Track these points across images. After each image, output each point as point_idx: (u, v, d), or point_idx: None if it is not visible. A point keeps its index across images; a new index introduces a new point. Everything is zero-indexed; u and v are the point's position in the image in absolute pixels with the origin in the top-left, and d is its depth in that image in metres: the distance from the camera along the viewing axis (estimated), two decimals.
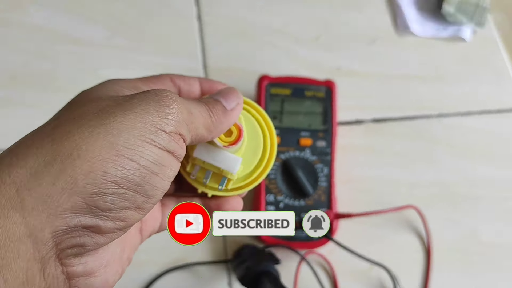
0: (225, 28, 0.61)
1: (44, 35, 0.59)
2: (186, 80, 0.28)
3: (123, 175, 0.18)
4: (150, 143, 0.19)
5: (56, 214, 0.17)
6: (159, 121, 0.19)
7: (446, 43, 0.62)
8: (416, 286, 0.52)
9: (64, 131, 0.18)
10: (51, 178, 0.17)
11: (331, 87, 0.54)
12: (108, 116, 0.18)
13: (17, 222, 0.16)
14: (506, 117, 0.59)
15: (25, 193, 0.16)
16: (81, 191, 0.17)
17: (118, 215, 0.18)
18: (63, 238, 0.17)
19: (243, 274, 0.45)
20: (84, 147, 0.17)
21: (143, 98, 0.20)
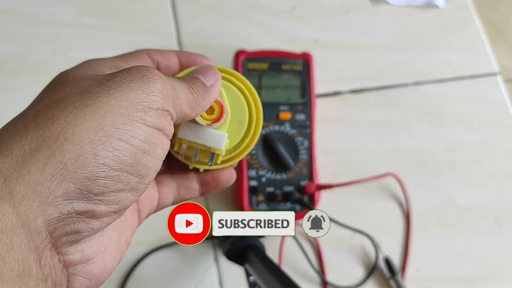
0: (198, 3, 0.59)
1: (9, 18, 0.57)
2: (164, 54, 0.27)
3: (114, 157, 0.17)
4: (139, 121, 0.18)
5: (47, 202, 0.16)
6: (145, 98, 0.19)
7: (420, 11, 0.62)
8: (397, 251, 0.53)
9: (47, 115, 0.17)
10: (39, 164, 0.16)
11: (308, 60, 0.54)
12: (92, 96, 0.18)
13: (7, 213, 0.15)
14: (479, 82, 0.60)
15: (13, 182, 0.16)
16: (72, 176, 0.16)
17: (112, 198, 0.18)
18: (57, 226, 0.17)
19: (229, 249, 0.46)
20: (71, 130, 0.17)
21: (125, 76, 0.19)
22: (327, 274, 0.51)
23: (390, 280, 0.51)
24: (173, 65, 0.27)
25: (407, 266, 0.52)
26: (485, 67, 0.60)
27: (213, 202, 0.53)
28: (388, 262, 0.51)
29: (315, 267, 0.51)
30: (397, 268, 0.51)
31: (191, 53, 0.28)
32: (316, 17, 0.61)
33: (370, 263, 0.52)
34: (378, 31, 0.61)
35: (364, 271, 0.52)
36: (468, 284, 0.53)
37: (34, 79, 0.55)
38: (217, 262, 0.51)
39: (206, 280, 0.51)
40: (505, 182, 0.56)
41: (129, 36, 0.57)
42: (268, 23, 0.60)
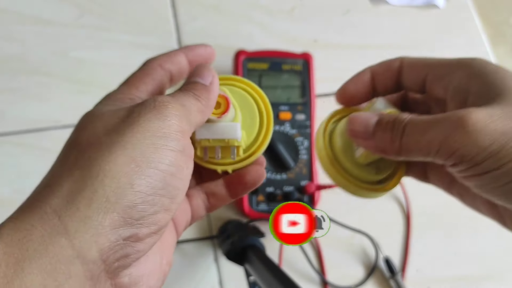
0: (198, 3, 0.59)
1: (10, 17, 0.57)
2: (174, 60, 0.28)
3: (147, 183, 0.20)
4: (162, 147, 0.21)
5: (98, 233, 0.18)
6: (163, 125, 0.21)
7: (420, 11, 0.62)
8: (397, 251, 0.53)
9: (85, 157, 0.20)
10: (86, 201, 0.18)
11: (308, 60, 0.54)
12: (118, 134, 0.20)
13: (64, 246, 0.18)
14: None
15: (67, 219, 0.18)
16: (114, 207, 0.19)
17: (151, 220, 0.20)
18: (109, 253, 0.19)
19: (229, 249, 0.46)
20: (107, 167, 0.19)
21: (142, 110, 0.21)
22: (327, 274, 0.51)
23: (390, 280, 0.51)
24: (183, 66, 0.28)
25: (407, 266, 0.52)
26: None
27: None
28: (388, 262, 0.51)
29: (315, 267, 0.51)
30: (397, 268, 0.51)
31: (195, 47, 0.29)
32: (316, 17, 0.61)
33: (370, 263, 0.52)
34: (378, 31, 0.61)
35: (364, 271, 0.52)
36: (468, 284, 0.53)
37: (34, 79, 0.55)
38: (217, 262, 0.51)
39: (206, 280, 0.51)
40: None
41: (129, 36, 0.57)
42: (268, 23, 0.60)
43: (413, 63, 0.27)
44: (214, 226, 0.52)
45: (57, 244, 0.18)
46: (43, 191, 0.19)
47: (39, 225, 0.18)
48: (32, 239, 0.17)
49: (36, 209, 0.19)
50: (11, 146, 0.53)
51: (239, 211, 0.52)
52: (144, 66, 0.28)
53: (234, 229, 0.48)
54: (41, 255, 0.17)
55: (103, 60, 0.56)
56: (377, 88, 0.29)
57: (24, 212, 0.19)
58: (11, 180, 0.51)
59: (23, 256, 0.17)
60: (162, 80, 0.27)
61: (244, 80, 0.30)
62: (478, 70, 0.23)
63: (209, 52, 0.30)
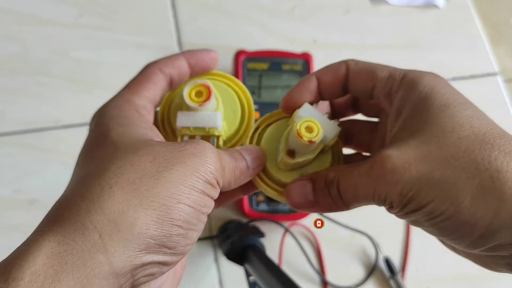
0: (198, 3, 0.59)
1: (10, 17, 0.57)
2: (174, 64, 0.28)
3: (184, 219, 0.21)
4: (199, 191, 0.22)
5: (134, 255, 0.20)
6: (205, 174, 0.23)
7: (420, 11, 0.62)
8: (397, 251, 0.53)
9: (129, 180, 0.21)
10: (128, 225, 0.20)
11: (308, 60, 0.54)
12: (165, 167, 0.22)
13: (102, 263, 0.19)
14: (479, 82, 0.60)
15: (107, 238, 0.19)
16: (153, 234, 0.20)
17: (181, 250, 0.22)
18: (138, 271, 0.21)
19: (229, 249, 0.46)
20: (151, 198, 0.21)
21: (193, 152, 0.23)
22: (327, 274, 0.51)
23: (390, 280, 0.51)
24: (184, 71, 0.29)
25: (407, 266, 0.52)
26: (485, 67, 0.60)
27: None
28: (388, 262, 0.51)
29: (315, 267, 0.51)
30: (397, 268, 0.51)
31: (197, 52, 0.29)
32: (316, 17, 0.61)
33: (370, 263, 0.52)
34: (378, 31, 0.61)
35: (364, 271, 0.52)
36: (468, 284, 0.53)
37: (34, 79, 0.55)
38: (217, 262, 0.51)
39: (206, 280, 0.51)
40: None
41: (129, 36, 0.57)
42: (268, 23, 0.60)
43: (358, 72, 0.28)
44: (214, 226, 0.52)
45: (95, 260, 0.19)
46: (81, 203, 0.20)
47: (80, 240, 0.19)
48: (72, 253, 0.19)
49: (78, 224, 0.20)
50: (11, 146, 0.53)
51: (239, 211, 0.52)
52: (145, 70, 0.28)
53: (234, 229, 0.49)
54: (78, 268, 0.19)
55: (103, 60, 0.56)
56: (323, 95, 0.29)
57: (65, 225, 0.20)
58: (11, 180, 0.51)
59: (62, 269, 0.18)
60: (162, 85, 0.28)
61: (228, 76, 0.31)
62: (420, 93, 0.24)
63: (212, 57, 0.30)
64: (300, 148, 0.27)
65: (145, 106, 0.27)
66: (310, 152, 0.27)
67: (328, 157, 0.28)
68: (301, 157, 0.27)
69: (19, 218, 0.50)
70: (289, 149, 0.27)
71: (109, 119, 0.25)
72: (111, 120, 0.25)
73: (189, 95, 0.27)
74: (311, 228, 0.52)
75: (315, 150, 0.27)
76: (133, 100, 0.26)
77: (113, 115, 0.25)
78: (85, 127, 0.53)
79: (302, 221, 0.52)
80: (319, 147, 0.27)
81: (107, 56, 0.56)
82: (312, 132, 0.26)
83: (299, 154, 0.27)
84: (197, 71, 0.29)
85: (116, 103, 0.26)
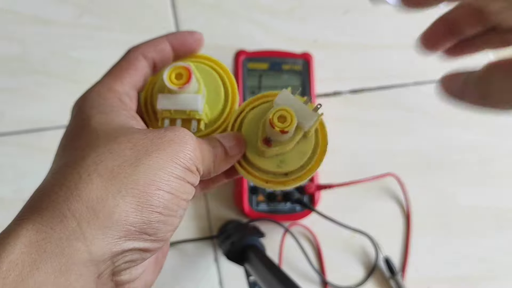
0: (198, 3, 0.59)
1: (10, 17, 0.57)
2: (157, 48, 0.28)
3: (164, 205, 0.22)
4: (178, 178, 0.22)
5: (113, 242, 0.20)
6: (184, 161, 0.23)
7: (420, 11, 0.62)
8: (397, 251, 0.53)
9: (108, 167, 0.21)
10: (106, 212, 0.20)
11: (308, 60, 0.54)
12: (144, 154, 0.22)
13: (80, 250, 0.19)
14: None
15: (85, 226, 0.19)
16: (132, 221, 0.20)
17: (162, 236, 0.22)
18: (118, 258, 0.21)
19: (229, 249, 0.46)
20: (130, 185, 0.21)
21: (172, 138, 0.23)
22: (327, 274, 0.51)
23: (390, 280, 0.51)
24: (167, 55, 0.29)
25: (407, 266, 0.52)
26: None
27: (212, 202, 0.53)
28: (388, 262, 0.51)
29: (315, 267, 0.51)
30: (397, 268, 0.51)
31: (181, 33, 0.29)
32: (316, 17, 0.61)
33: (370, 263, 0.52)
34: (378, 31, 0.61)
35: (364, 271, 0.52)
36: (468, 284, 0.53)
37: (34, 79, 0.55)
38: (217, 262, 0.51)
39: (206, 280, 0.51)
40: (505, 182, 0.56)
41: (129, 36, 0.57)
42: (268, 23, 0.60)
43: None
44: (214, 226, 0.52)
45: (73, 247, 0.19)
46: (59, 192, 0.20)
47: (58, 228, 0.19)
48: (50, 241, 0.19)
49: (56, 212, 0.19)
50: (11, 146, 0.53)
51: (239, 211, 0.52)
52: (127, 56, 0.28)
53: (234, 229, 0.48)
54: (57, 256, 0.19)
55: (103, 60, 0.56)
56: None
57: (43, 213, 0.19)
58: (11, 180, 0.51)
59: (40, 257, 0.18)
60: (145, 70, 0.28)
61: (211, 58, 0.30)
62: None
63: (196, 39, 0.29)
64: (275, 137, 0.26)
65: (128, 93, 0.27)
66: (287, 141, 0.26)
67: (310, 143, 0.27)
68: (278, 145, 0.26)
69: None
70: (265, 137, 0.26)
71: (90, 107, 0.25)
72: (93, 109, 0.25)
73: (169, 78, 0.27)
74: (311, 228, 0.52)
75: (292, 139, 0.26)
76: (115, 88, 0.26)
77: (95, 103, 0.25)
78: None
79: (302, 221, 0.52)
80: (297, 135, 0.26)
81: (107, 56, 0.56)
82: (285, 122, 0.25)
83: (275, 142, 0.26)
84: (180, 54, 0.29)
85: (98, 90, 0.26)
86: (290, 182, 0.27)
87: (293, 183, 0.27)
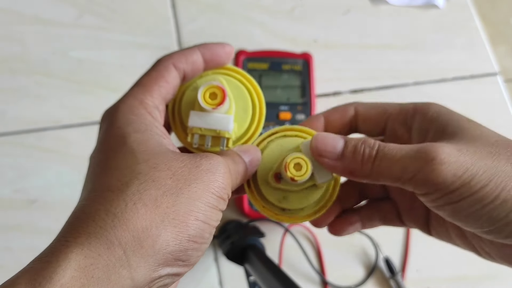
0: (198, 3, 0.59)
1: (10, 17, 0.57)
2: (189, 59, 0.28)
3: (199, 234, 0.23)
4: (213, 207, 0.24)
5: (153, 269, 0.21)
6: (219, 191, 0.24)
7: (420, 11, 0.62)
8: (397, 251, 0.53)
9: (152, 197, 0.22)
10: (150, 242, 0.21)
11: (308, 60, 0.54)
12: (184, 184, 0.23)
13: (125, 277, 0.20)
14: (479, 82, 0.60)
15: (131, 254, 0.21)
16: (172, 250, 0.22)
17: (193, 261, 0.24)
18: (155, 282, 0.22)
19: (229, 249, 0.46)
20: (172, 216, 0.22)
21: (208, 168, 0.24)
22: (327, 274, 0.51)
23: (390, 280, 0.51)
24: (198, 67, 0.29)
25: (407, 266, 0.52)
26: (485, 67, 0.60)
27: None
28: (388, 262, 0.51)
29: (315, 267, 0.51)
30: (397, 268, 0.51)
31: (212, 46, 0.29)
32: (316, 17, 0.61)
33: (370, 263, 0.52)
34: (378, 31, 0.61)
35: (364, 271, 0.52)
36: (468, 284, 0.53)
37: (34, 79, 0.55)
38: (217, 262, 0.51)
39: (206, 280, 0.51)
40: None
41: (129, 36, 0.57)
42: (268, 23, 0.60)
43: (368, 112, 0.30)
44: None
45: (119, 275, 0.20)
46: (107, 219, 0.21)
47: (105, 255, 0.20)
48: (98, 267, 0.20)
49: (103, 239, 0.20)
50: (11, 146, 0.53)
51: (239, 211, 0.52)
52: (158, 66, 0.27)
53: (234, 229, 0.48)
54: (104, 282, 0.20)
55: (103, 60, 0.56)
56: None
57: (90, 239, 0.20)
58: (11, 180, 0.51)
59: (88, 282, 0.19)
60: (175, 81, 0.28)
61: (241, 71, 0.30)
62: (435, 113, 0.27)
63: (227, 52, 0.29)
64: (286, 178, 0.27)
65: (157, 106, 0.27)
66: (296, 185, 0.27)
67: (318, 193, 0.28)
68: (286, 185, 0.27)
69: (19, 218, 0.50)
70: (278, 172, 0.27)
71: (124, 123, 0.25)
72: (127, 126, 0.25)
73: (203, 97, 0.27)
74: (311, 228, 0.52)
75: (301, 185, 0.27)
76: (146, 101, 0.26)
77: (128, 119, 0.25)
78: (85, 127, 0.53)
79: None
80: (307, 183, 0.27)
81: (107, 56, 0.56)
82: (299, 171, 0.26)
83: (285, 181, 0.27)
84: (211, 66, 0.29)
85: (129, 103, 0.26)
86: (283, 218, 0.29)
87: (286, 220, 0.29)
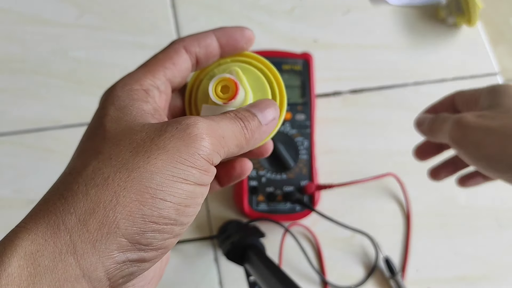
0: (198, 3, 0.59)
1: (10, 17, 0.57)
2: (202, 42, 0.26)
3: (159, 215, 0.20)
4: (182, 182, 0.20)
5: (105, 255, 0.19)
6: (190, 158, 0.20)
7: (420, 10, 0.62)
8: (397, 251, 0.53)
9: (104, 175, 0.20)
10: (97, 224, 0.19)
11: (308, 60, 0.54)
12: (142, 157, 0.20)
13: (72, 265, 0.18)
14: (479, 82, 0.60)
15: (77, 239, 0.19)
16: (123, 233, 0.19)
17: (159, 245, 0.20)
18: (114, 273, 0.19)
19: (229, 249, 0.46)
20: (122, 194, 0.19)
21: (174, 133, 0.21)
22: (327, 274, 0.51)
23: (390, 280, 0.51)
24: (213, 51, 0.26)
25: (407, 266, 0.52)
26: (485, 67, 0.60)
27: (213, 202, 0.53)
28: (388, 262, 0.51)
29: (315, 267, 0.51)
30: (397, 268, 0.51)
31: (229, 29, 0.27)
32: (316, 17, 0.61)
33: (370, 263, 0.52)
34: (378, 31, 0.61)
35: (364, 271, 0.52)
36: (468, 284, 0.53)
37: (34, 79, 0.55)
38: (217, 262, 0.51)
39: (206, 280, 0.51)
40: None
41: (129, 36, 0.57)
42: (268, 23, 0.60)
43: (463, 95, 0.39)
44: (214, 226, 0.52)
45: (66, 262, 0.18)
46: (58, 202, 0.20)
47: (51, 240, 0.19)
48: (44, 254, 0.18)
49: (50, 223, 0.19)
50: (11, 146, 0.53)
51: (239, 211, 0.52)
52: (168, 48, 0.26)
53: (234, 229, 0.48)
54: (51, 272, 0.18)
55: (103, 60, 0.56)
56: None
57: (38, 223, 0.19)
58: (11, 180, 0.51)
59: (35, 271, 0.18)
60: (184, 65, 0.26)
61: (261, 59, 0.28)
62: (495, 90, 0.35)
63: (247, 36, 0.27)
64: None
65: (158, 86, 0.24)
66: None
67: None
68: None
69: (19, 218, 0.49)
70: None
71: (109, 102, 0.23)
72: (110, 104, 0.23)
73: (215, 90, 0.25)
74: (311, 228, 0.52)
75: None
76: (143, 80, 0.24)
77: (114, 96, 0.23)
78: (85, 127, 0.52)
79: (302, 221, 0.52)
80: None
81: (107, 56, 0.56)
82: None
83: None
84: (228, 52, 0.27)
85: (126, 81, 0.24)
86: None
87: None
